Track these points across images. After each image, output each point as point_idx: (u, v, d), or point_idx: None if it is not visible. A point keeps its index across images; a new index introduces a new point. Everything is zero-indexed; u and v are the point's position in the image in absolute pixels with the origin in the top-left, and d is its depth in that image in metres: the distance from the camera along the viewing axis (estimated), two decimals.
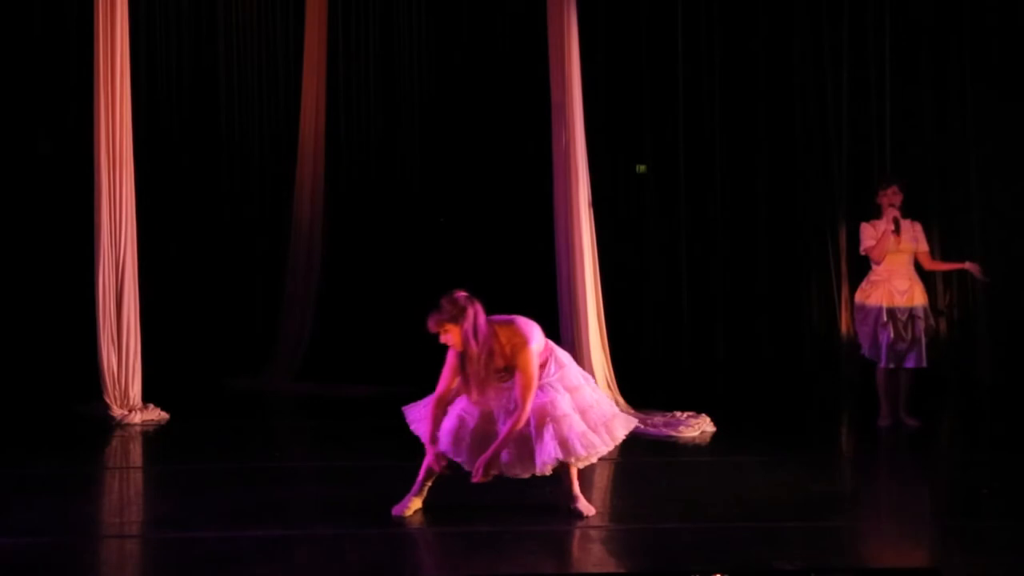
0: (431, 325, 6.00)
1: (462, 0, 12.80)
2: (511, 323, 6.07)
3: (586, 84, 9.61)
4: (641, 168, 12.52)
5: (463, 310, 5.95)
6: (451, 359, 6.12)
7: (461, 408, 6.18)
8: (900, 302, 8.99)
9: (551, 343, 6.30)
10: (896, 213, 8.97)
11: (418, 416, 6.31)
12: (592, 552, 5.83)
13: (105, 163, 9.45)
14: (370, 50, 12.84)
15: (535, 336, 6.07)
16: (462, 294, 6.03)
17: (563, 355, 6.33)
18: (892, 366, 9.01)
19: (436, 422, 6.16)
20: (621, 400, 9.33)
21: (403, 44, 12.85)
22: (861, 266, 9.60)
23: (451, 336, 5.98)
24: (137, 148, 9.68)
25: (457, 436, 6.13)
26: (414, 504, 6.29)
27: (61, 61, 12.11)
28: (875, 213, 9.12)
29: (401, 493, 6.35)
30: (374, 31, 12.84)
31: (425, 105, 12.87)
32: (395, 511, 6.25)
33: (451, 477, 6.22)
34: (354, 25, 12.77)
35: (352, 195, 12.61)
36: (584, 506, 6.36)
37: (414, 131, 12.90)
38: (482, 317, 6.00)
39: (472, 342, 5.96)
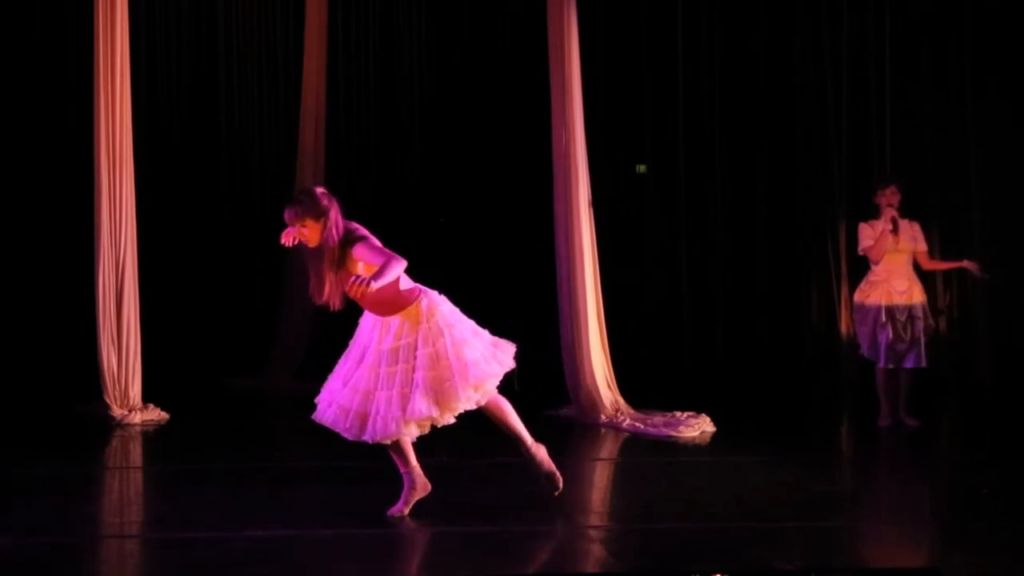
0: (288, 217, 6.02)
1: (462, 0, 12.80)
2: (356, 229, 6.05)
3: (586, 84, 9.61)
4: (641, 168, 12.52)
5: (325, 208, 5.98)
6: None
7: (344, 399, 6.13)
8: (899, 301, 8.99)
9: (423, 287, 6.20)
10: (894, 213, 8.97)
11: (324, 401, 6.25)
12: (592, 552, 5.83)
13: (105, 163, 9.46)
14: (370, 50, 12.84)
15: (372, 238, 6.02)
16: (321, 190, 6.07)
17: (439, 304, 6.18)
18: (891, 366, 9.01)
19: None
20: (621, 400, 9.33)
21: (403, 44, 12.86)
22: (861, 266, 9.60)
23: (308, 231, 6.00)
24: (137, 148, 9.68)
25: (342, 419, 6.11)
26: (413, 497, 6.26)
27: (61, 61, 12.11)
28: (873, 213, 9.13)
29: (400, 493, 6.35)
30: (374, 31, 12.85)
31: (425, 105, 12.87)
32: (391, 512, 6.24)
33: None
34: (354, 25, 12.77)
35: (352, 195, 12.57)
36: (550, 466, 6.37)
37: (414, 131, 12.90)
38: (341, 216, 6.02)
39: (329, 239, 5.97)
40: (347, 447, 7.88)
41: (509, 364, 6.17)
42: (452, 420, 6.07)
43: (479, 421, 9.37)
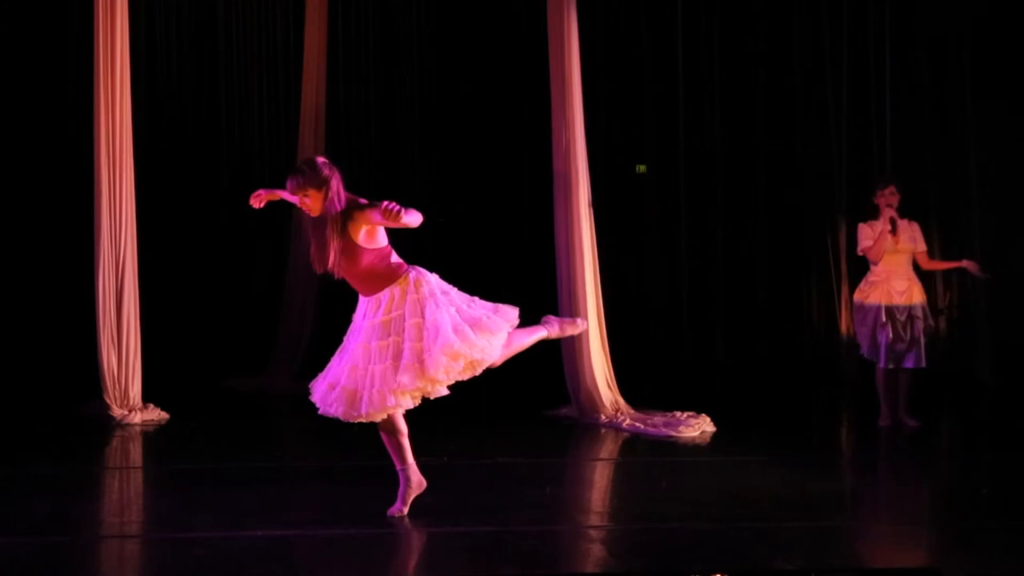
0: (290, 187, 6.08)
1: (462, 0, 12.81)
2: (359, 199, 6.07)
3: (586, 84, 9.61)
4: (641, 168, 12.52)
5: (326, 178, 6.01)
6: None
7: (332, 375, 6.13)
8: (899, 302, 8.99)
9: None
10: (893, 213, 8.97)
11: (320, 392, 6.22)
12: (592, 552, 5.83)
13: (105, 163, 9.45)
14: (370, 50, 12.85)
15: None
16: (323, 160, 6.10)
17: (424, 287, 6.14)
18: (891, 366, 9.01)
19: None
20: (621, 400, 9.33)
21: (403, 44, 12.86)
22: (861, 266, 9.61)
23: (310, 201, 6.05)
24: (137, 148, 9.68)
25: (328, 395, 6.10)
26: (410, 495, 6.25)
27: (61, 62, 12.11)
28: (873, 214, 9.12)
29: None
30: (374, 31, 12.85)
31: (425, 105, 12.87)
32: (391, 511, 6.23)
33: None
34: (354, 25, 12.77)
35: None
36: (566, 324, 6.57)
37: (414, 131, 12.90)
38: (343, 186, 6.05)
39: (332, 208, 6.00)
40: (347, 447, 7.92)
41: (504, 326, 6.09)
42: (444, 391, 6.03)
43: (479, 421, 9.39)
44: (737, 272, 12.28)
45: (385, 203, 5.77)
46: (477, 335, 5.99)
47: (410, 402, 6.02)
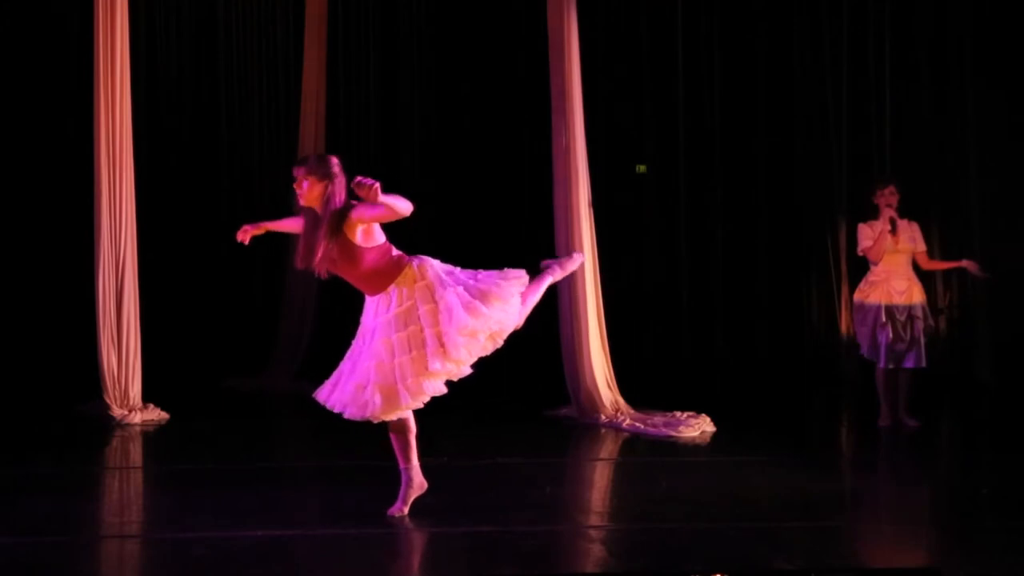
0: (296, 172, 6.13)
1: (462, 0, 12.80)
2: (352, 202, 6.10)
3: (586, 84, 9.61)
4: (641, 168, 12.52)
5: (333, 175, 6.10)
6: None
7: (360, 376, 6.08)
8: (899, 301, 8.99)
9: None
10: (893, 213, 8.97)
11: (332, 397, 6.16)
12: (592, 552, 5.83)
13: (105, 163, 9.46)
14: (370, 50, 12.84)
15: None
16: (336, 159, 6.18)
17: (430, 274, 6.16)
18: (891, 366, 9.01)
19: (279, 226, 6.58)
20: (621, 400, 9.33)
21: (403, 44, 12.86)
22: (861, 266, 9.60)
23: (308, 186, 6.08)
24: (137, 148, 9.68)
25: (359, 396, 6.04)
26: (411, 495, 6.25)
27: (61, 63, 12.11)
28: (872, 214, 9.12)
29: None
30: (374, 31, 12.85)
31: (425, 104, 12.86)
32: (391, 511, 6.23)
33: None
34: (354, 25, 12.77)
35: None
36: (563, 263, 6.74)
37: (414, 131, 12.89)
38: (344, 189, 6.08)
39: (331, 203, 6.05)
40: (347, 447, 7.93)
41: (515, 289, 6.19)
42: (469, 370, 6.08)
43: (479, 421, 9.39)
44: (737, 272, 12.28)
45: (358, 178, 5.80)
46: (489, 307, 6.04)
47: (443, 387, 6.04)
